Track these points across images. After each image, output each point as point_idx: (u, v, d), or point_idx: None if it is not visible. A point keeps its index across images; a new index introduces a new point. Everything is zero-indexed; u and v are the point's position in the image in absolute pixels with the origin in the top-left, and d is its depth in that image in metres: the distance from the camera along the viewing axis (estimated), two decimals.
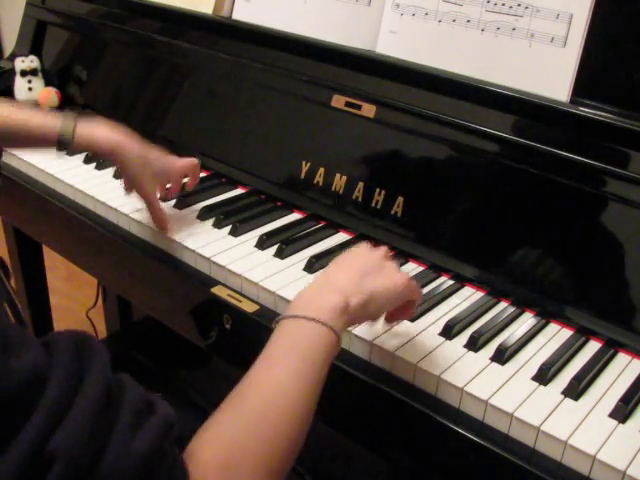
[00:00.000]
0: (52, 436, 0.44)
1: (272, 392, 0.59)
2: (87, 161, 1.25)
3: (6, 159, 1.29)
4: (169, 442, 0.50)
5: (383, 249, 0.77)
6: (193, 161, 1.07)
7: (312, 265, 0.95)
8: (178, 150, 1.28)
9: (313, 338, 0.62)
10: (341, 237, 1.05)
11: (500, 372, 0.78)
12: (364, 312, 0.68)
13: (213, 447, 0.54)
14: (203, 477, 0.52)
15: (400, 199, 0.99)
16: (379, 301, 0.69)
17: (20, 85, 1.48)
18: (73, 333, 0.51)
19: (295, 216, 1.10)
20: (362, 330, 0.83)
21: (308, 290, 0.69)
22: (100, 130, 0.97)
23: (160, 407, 0.51)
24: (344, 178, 1.05)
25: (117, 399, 0.49)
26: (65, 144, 0.95)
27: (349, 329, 0.81)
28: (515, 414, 0.72)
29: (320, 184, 1.07)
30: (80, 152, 1.01)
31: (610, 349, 0.83)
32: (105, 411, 0.47)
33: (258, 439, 0.56)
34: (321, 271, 0.75)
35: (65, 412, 0.45)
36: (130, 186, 1.01)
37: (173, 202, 1.11)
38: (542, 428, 0.70)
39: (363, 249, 0.76)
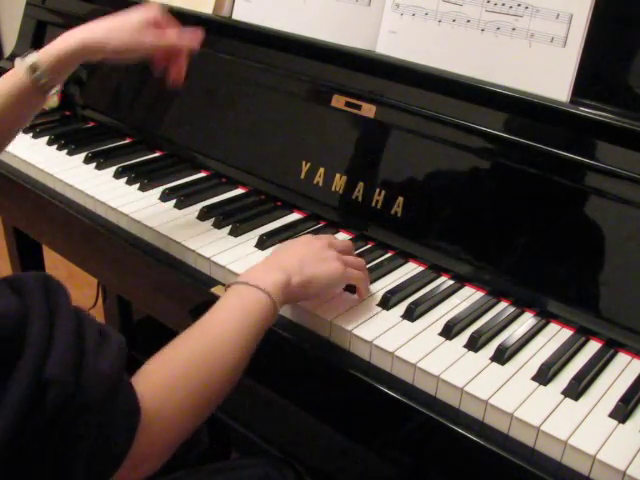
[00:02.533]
0: (45, 366, 0.51)
1: (215, 340, 0.68)
2: (87, 161, 1.25)
3: (6, 159, 1.29)
4: (124, 365, 0.59)
5: (325, 239, 0.86)
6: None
7: None
8: (178, 150, 1.28)
9: (256, 304, 0.72)
10: (341, 237, 1.05)
11: (500, 372, 0.78)
12: (303, 292, 0.78)
13: (160, 371, 0.64)
14: (149, 392, 0.60)
15: (400, 199, 0.99)
16: (317, 285, 0.80)
17: None
18: (36, 274, 0.58)
19: (295, 216, 1.10)
20: (362, 330, 0.83)
21: (258, 266, 0.79)
22: (61, 38, 0.91)
23: (113, 335, 0.60)
24: (344, 178, 1.05)
25: (82, 329, 0.57)
26: (40, 75, 0.87)
27: (348, 329, 0.83)
28: (515, 414, 0.72)
29: (320, 184, 1.07)
30: (60, 79, 0.91)
31: (610, 349, 0.83)
32: (77, 341, 0.55)
33: (197, 374, 0.65)
34: (271, 249, 0.84)
35: (49, 344, 0.52)
36: (126, 59, 0.92)
37: (173, 202, 1.11)
38: (542, 428, 0.70)
39: (308, 238, 0.86)
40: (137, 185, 1.17)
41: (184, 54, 0.96)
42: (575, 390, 0.75)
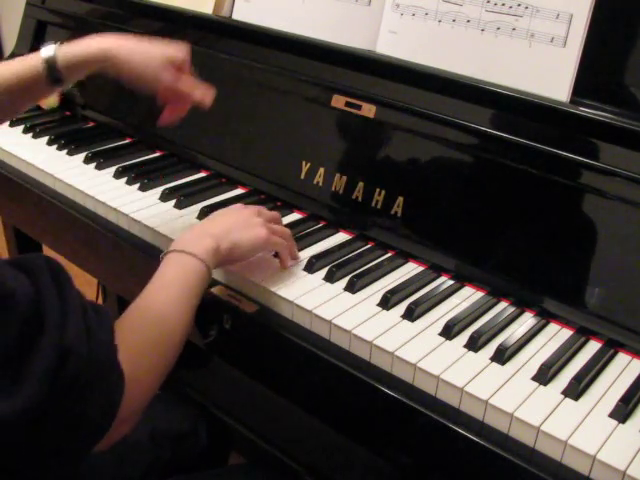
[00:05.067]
0: (64, 337, 0.57)
1: (166, 306, 0.75)
2: (87, 161, 1.25)
3: (6, 159, 1.29)
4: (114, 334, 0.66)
5: (254, 207, 0.94)
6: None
7: (312, 265, 0.95)
8: (178, 150, 1.28)
9: (195, 271, 0.80)
10: (341, 237, 1.05)
11: (500, 372, 0.78)
12: (231, 255, 0.85)
13: (127, 340, 0.69)
14: (123, 358, 0.66)
15: (400, 199, 0.99)
16: (242, 249, 0.86)
17: None
18: (38, 255, 0.63)
19: (295, 216, 1.10)
20: (362, 330, 0.83)
21: (188, 234, 0.85)
22: (86, 40, 0.92)
23: (103, 308, 0.66)
24: (344, 178, 1.04)
25: (83, 304, 0.63)
26: (54, 70, 0.89)
27: (348, 329, 0.83)
28: (515, 414, 0.72)
29: (320, 184, 1.07)
30: (74, 78, 0.94)
31: (610, 349, 0.83)
32: (83, 314, 0.61)
33: (157, 337, 0.73)
34: (202, 221, 0.91)
35: (64, 318, 0.58)
36: (137, 86, 0.94)
37: (173, 202, 1.11)
38: (542, 428, 0.70)
39: (238, 207, 0.95)
40: (137, 185, 1.17)
41: (190, 103, 0.98)
42: (575, 390, 0.75)
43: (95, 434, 0.63)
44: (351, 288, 0.91)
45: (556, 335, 0.86)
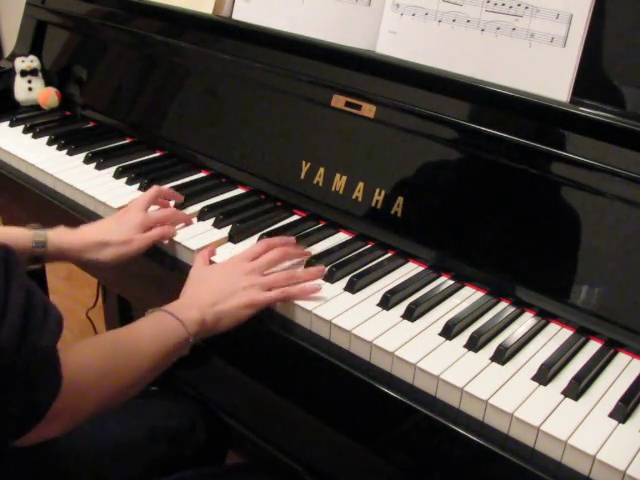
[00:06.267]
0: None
1: (134, 349, 0.78)
2: (87, 161, 1.25)
3: (6, 159, 1.29)
4: (57, 341, 0.65)
5: (247, 265, 0.91)
6: (153, 190, 1.06)
7: (312, 265, 0.95)
8: (178, 150, 1.28)
9: (174, 334, 0.81)
10: (341, 237, 1.05)
11: (500, 372, 0.78)
12: (216, 327, 0.86)
13: (82, 352, 0.72)
14: (75, 367, 0.68)
15: (400, 199, 0.99)
16: (227, 321, 0.87)
17: (20, 85, 1.48)
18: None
19: (295, 216, 1.10)
20: (362, 330, 0.83)
21: (181, 301, 0.88)
22: (80, 233, 0.98)
23: (54, 312, 0.65)
24: (344, 178, 1.04)
25: (30, 302, 0.62)
26: (40, 252, 0.93)
27: (348, 329, 0.83)
28: (515, 414, 0.72)
29: (320, 184, 1.07)
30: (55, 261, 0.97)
31: (610, 349, 0.83)
32: (26, 312, 0.61)
33: (114, 367, 0.75)
34: (191, 282, 0.91)
35: (2, 314, 0.58)
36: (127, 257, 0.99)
37: (173, 202, 1.11)
38: (542, 428, 0.70)
39: (230, 266, 0.92)
40: (137, 185, 1.17)
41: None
42: (575, 390, 0.75)
43: (16, 428, 0.64)
44: (351, 288, 0.91)
45: (556, 335, 0.86)
